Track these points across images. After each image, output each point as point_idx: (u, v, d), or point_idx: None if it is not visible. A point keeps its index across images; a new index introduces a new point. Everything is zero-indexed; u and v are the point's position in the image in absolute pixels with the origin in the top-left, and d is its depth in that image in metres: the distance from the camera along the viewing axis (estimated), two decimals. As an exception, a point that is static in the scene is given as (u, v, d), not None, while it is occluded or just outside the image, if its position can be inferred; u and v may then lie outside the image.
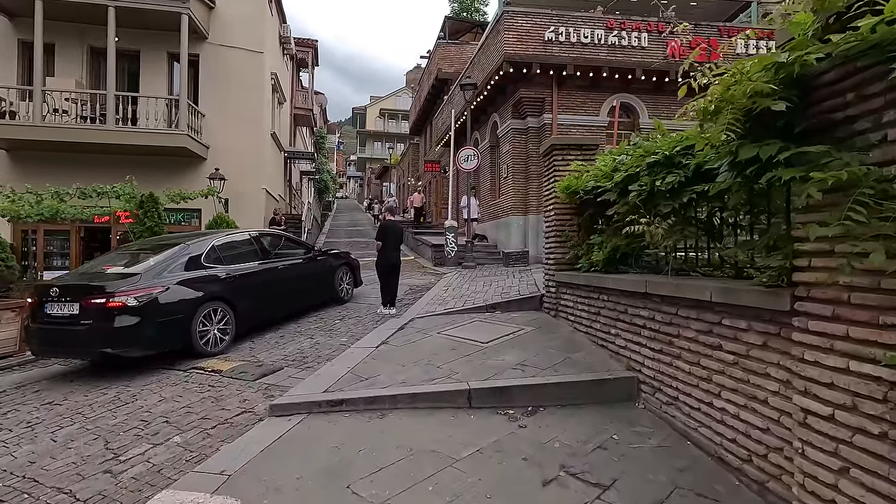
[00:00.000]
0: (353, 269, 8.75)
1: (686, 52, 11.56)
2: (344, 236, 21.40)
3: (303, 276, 7.37)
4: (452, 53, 19.51)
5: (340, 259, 8.56)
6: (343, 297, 8.23)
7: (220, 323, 5.75)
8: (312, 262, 7.73)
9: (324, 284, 7.90)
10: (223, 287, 5.89)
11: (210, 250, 6.08)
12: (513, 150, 12.28)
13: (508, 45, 11.17)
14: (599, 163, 4.60)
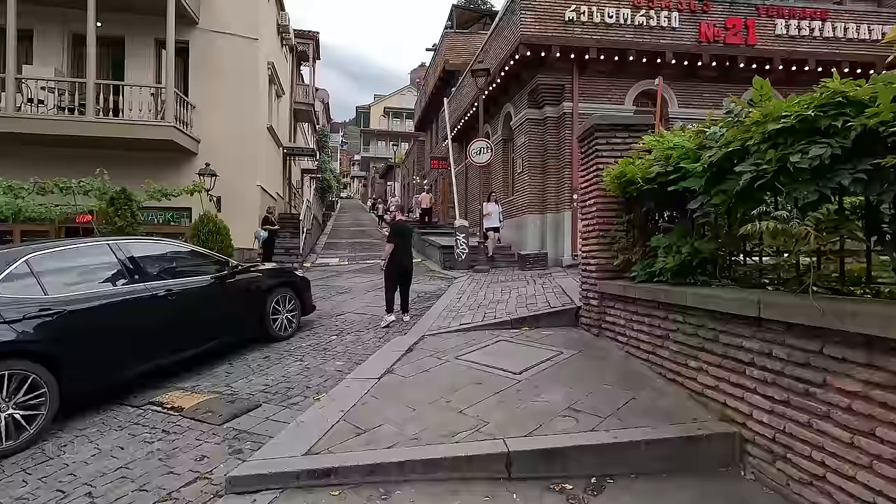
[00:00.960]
0: (299, 292, 6.20)
1: (720, 34, 10.50)
2: (346, 236, 20.43)
3: (201, 306, 4.86)
4: (460, 43, 18.49)
5: (277, 278, 6.01)
6: (279, 333, 5.70)
7: (23, 397, 3.33)
8: (224, 284, 5.18)
9: (242, 317, 5.39)
10: (35, 332, 3.48)
11: (16, 270, 3.66)
12: (529, 143, 11.24)
13: (525, 27, 10.13)
14: (667, 142, 3.56)
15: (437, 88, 20.44)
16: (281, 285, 5.96)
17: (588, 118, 5.10)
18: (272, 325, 5.71)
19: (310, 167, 26.78)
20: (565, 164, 10.75)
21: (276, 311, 5.81)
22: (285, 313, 5.93)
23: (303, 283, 6.46)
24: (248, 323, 5.51)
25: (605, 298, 4.56)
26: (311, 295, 6.59)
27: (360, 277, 10.72)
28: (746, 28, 10.57)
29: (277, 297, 5.82)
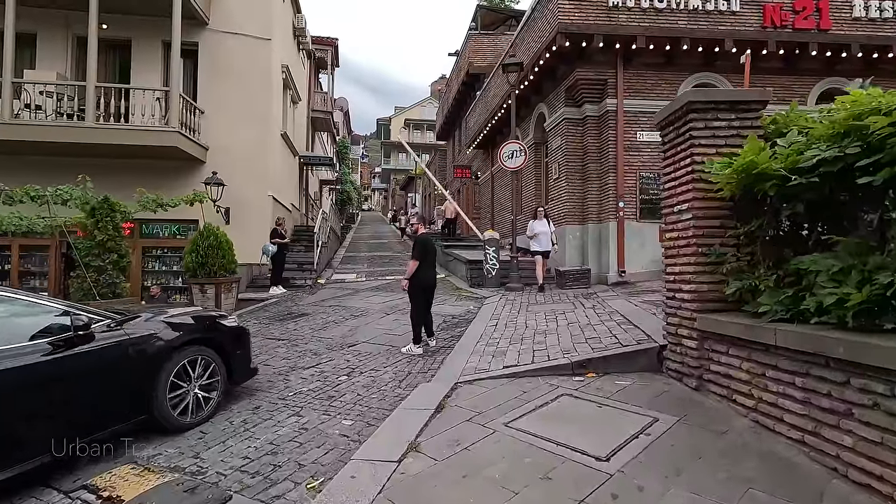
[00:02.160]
0: (224, 351, 4.14)
1: (787, 17, 9.18)
2: (365, 250, 19.43)
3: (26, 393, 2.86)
4: (485, 45, 17.47)
5: (184, 333, 3.84)
6: (178, 421, 3.62)
7: None
8: (67, 354, 3.05)
9: (104, 400, 3.31)
10: None
11: None
12: (566, 146, 10.04)
13: (563, 14, 8.99)
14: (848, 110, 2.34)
15: (460, 93, 19.45)
16: (190, 344, 3.82)
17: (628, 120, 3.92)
18: (168, 406, 3.54)
19: (329, 178, 26.04)
20: (609, 168, 9.50)
21: (178, 384, 3.65)
22: (194, 389, 3.76)
23: (231, 336, 4.27)
24: (122, 407, 3.35)
25: (710, 340, 3.31)
26: (248, 352, 4.46)
27: (379, 296, 9.61)
28: (818, 11, 9.22)
29: (184, 363, 3.72)
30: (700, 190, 3.42)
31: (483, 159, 17.27)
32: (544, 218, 9.10)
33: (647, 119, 9.55)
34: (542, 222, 9.02)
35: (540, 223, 9.00)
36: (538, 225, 8.99)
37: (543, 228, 8.94)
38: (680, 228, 3.62)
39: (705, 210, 3.41)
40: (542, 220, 9.05)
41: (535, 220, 9.08)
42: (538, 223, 9.00)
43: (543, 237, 8.92)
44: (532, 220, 9.16)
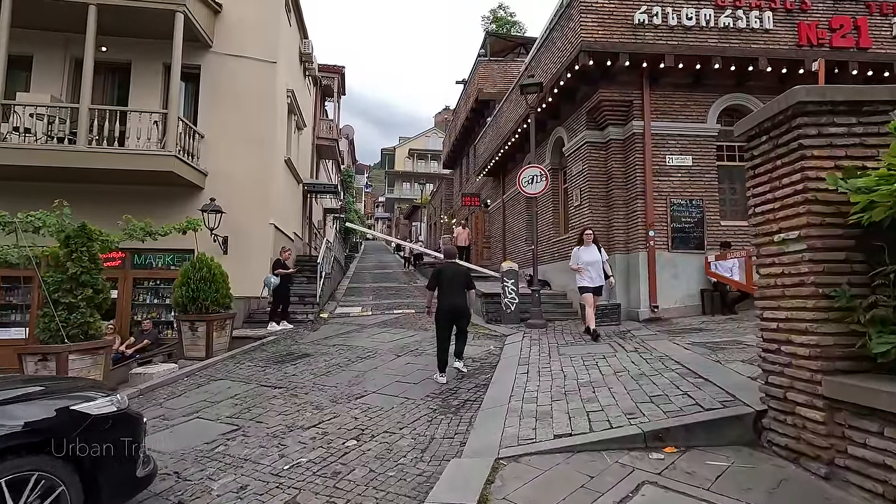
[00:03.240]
0: (93, 464, 2.59)
1: (823, 35, 8.63)
2: (370, 281, 18.63)
3: None
4: (495, 72, 17.15)
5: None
6: None
7: None
8: None
9: None
10: None
11: None
12: (588, 171, 9.38)
13: (587, 32, 8.46)
14: None
15: (468, 121, 19.04)
16: (13, 454, 2.34)
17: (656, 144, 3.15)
18: None
19: (333, 207, 25.50)
20: (637, 194, 8.80)
21: None
22: None
23: (103, 434, 2.71)
24: None
25: (847, 412, 2.47)
26: (135, 452, 2.88)
27: (387, 333, 8.76)
28: (857, 28, 8.69)
29: None
30: (817, 214, 2.66)
31: (493, 187, 16.67)
32: (593, 243, 7.24)
33: (675, 142, 8.94)
34: (590, 249, 7.19)
35: (588, 250, 7.19)
36: (586, 253, 7.19)
37: (593, 257, 7.14)
38: (786, 262, 2.83)
39: (825, 239, 2.64)
40: (590, 245, 7.21)
41: (581, 247, 7.28)
42: (585, 250, 7.20)
43: (594, 269, 7.12)
44: (577, 248, 7.35)
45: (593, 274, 7.11)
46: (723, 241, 8.50)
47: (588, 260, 7.13)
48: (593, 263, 7.13)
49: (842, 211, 2.64)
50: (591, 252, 7.19)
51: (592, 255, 7.16)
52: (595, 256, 7.16)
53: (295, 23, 13.92)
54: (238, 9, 11.27)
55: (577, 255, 7.29)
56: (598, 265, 7.16)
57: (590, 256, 7.16)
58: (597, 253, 7.20)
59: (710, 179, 8.97)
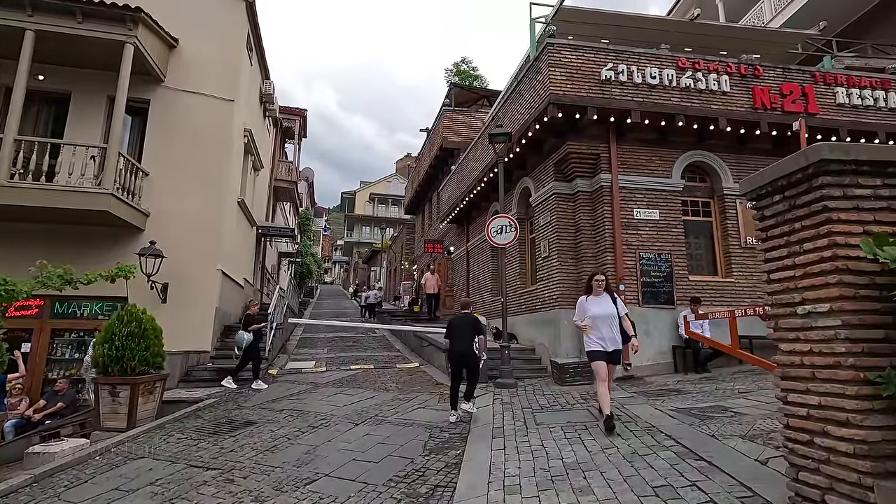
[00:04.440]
0: None
1: (775, 100, 9.02)
2: (325, 330, 17.56)
3: None
4: (460, 122, 17.29)
5: None
6: None
7: None
8: None
9: None
10: None
11: None
12: (557, 222, 9.20)
13: (555, 85, 8.48)
14: None
15: (432, 168, 18.97)
16: None
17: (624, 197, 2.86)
18: None
19: (289, 251, 24.49)
20: (606, 247, 8.63)
21: None
22: None
23: None
24: None
25: (912, 528, 2.05)
26: None
27: (344, 395, 7.94)
28: (805, 95, 9.16)
29: None
30: (850, 285, 2.33)
31: (457, 234, 16.39)
32: (606, 292, 5.34)
33: (642, 196, 8.94)
34: (601, 300, 5.29)
35: (599, 301, 5.28)
36: (595, 304, 5.26)
37: (605, 310, 5.21)
38: (815, 339, 2.47)
39: (862, 315, 2.30)
40: (601, 295, 5.32)
41: (588, 297, 5.37)
42: (595, 301, 5.29)
43: (606, 326, 5.13)
44: (583, 298, 5.42)
45: (605, 333, 5.12)
46: (692, 297, 8.37)
47: (598, 313, 5.19)
48: (605, 318, 5.17)
49: (877, 283, 2.33)
50: (602, 303, 5.25)
51: (605, 308, 5.21)
52: (608, 309, 5.20)
53: (257, 63, 13.55)
54: (196, 45, 10.78)
55: (582, 307, 5.35)
56: (612, 321, 5.18)
57: (601, 309, 5.21)
58: (611, 304, 5.24)
59: (678, 234, 8.95)
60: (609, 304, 5.28)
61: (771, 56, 10.59)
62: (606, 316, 5.20)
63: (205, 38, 10.87)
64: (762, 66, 9.25)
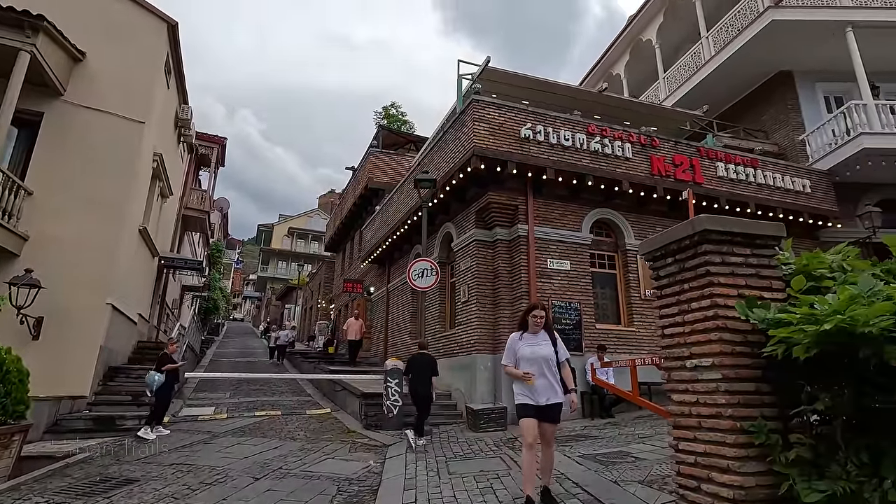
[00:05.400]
0: None
1: (669, 169, 10.18)
2: (229, 370, 16.22)
3: None
4: (387, 163, 17.50)
5: None
6: None
7: None
8: None
9: None
10: None
11: None
12: (476, 268, 9.45)
13: (479, 139, 8.94)
14: None
15: (356, 206, 18.85)
16: None
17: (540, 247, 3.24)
18: None
19: (195, 284, 22.72)
20: (521, 294, 8.98)
21: None
22: None
23: None
24: None
25: (781, 569, 2.25)
26: None
27: (246, 445, 7.30)
28: (693, 167, 10.44)
29: None
30: (728, 342, 2.62)
31: (378, 274, 16.23)
32: (544, 330, 4.20)
33: (556, 247, 9.50)
34: (538, 338, 4.15)
35: (533, 341, 4.14)
36: (529, 343, 4.13)
37: (539, 351, 4.06)
38: (701, 391, 2.72)
39: (738, 369, 2.59)
40: (538, 333, 4.17)
41: (522, 334, 4.21)
42: (529, 341, 4.15)
43: (538, 368, 4.00)
44: (515, 335, 4.27)
45: (539, 382, 3.95)
46: (599, 345, 8.88)
47: (530, 356, 4.03)
48: (539, 362, 3.99)
49: (749, 340, 2.64)
50: (538, 343, 4.10)
51: (540, 349, 4.06)
52: (545, 351, 4.05)
53: (175, 86, 12.91)
54: (108, 61, 10.08)
55: (512, 347, 4.19)
56: (548, 365, 4.01)
57: (535, 350, 4.05)
58: (548, 345, 4.10)
59: (586, 284, 9.56)
60: (546, 344, 4.10)
61: (665, 130, 12.02)
62: (542, 359, 4.01)
63: (119, 55, 10.22)
64: (658, 138, 10.45)
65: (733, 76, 13.71)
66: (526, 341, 4.19)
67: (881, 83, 12.59)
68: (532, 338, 4.19)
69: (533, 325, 4.20)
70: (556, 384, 4.04)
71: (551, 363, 4.07)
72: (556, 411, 4.03)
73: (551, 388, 4.02)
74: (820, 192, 11.62)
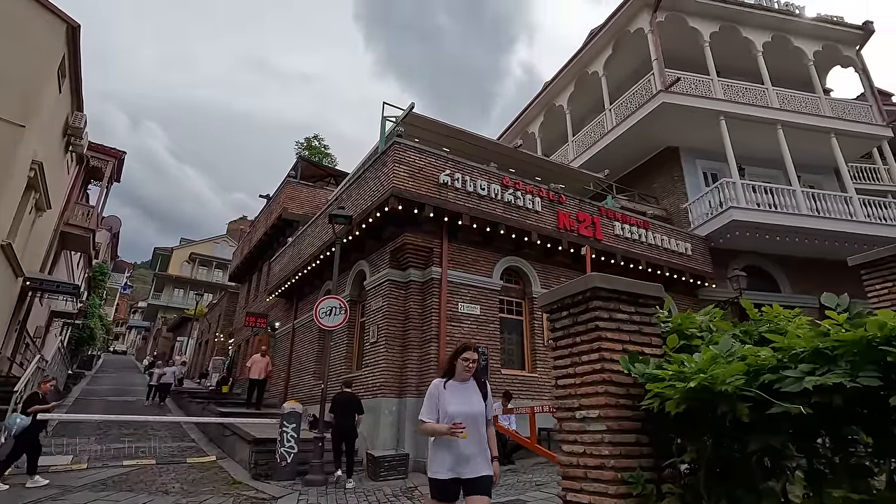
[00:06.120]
0: None
1: (573, 224, 10.96)
2: (99, 411, 14.19)
3: None
4: (304, 195, 17.03)
5: None
6: None
7: None
8: None
9: None
10: None
11: None
12: (388, 308, 9.35)
13: (398, 179, 9.05)
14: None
15: (267, 236, 17.99)
16: None
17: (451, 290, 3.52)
18: None
19: (68, 310, 19.99)
20: (431, 337, 8.98)
21: None
22: None
23: None
24: None
25: None
26: None
27: (107, 501, 6.34)
28: (594, 224, 11.32)
29: None
30: (613, 395, 2.78)
31: (285, 309, 15.43)
32: (473, 379, 3.35)
33: (467, 291, 9.69)
34: (467, 390, 3.28)
35: (461, 392, 3.26)
36: (456, 395, 3.23)
37: (467, 406, 3.19)
38: (588, 442, 2.83)
39: (621, 422, 2.74)
40: (466, 381, 3.32)
41: (447, 382, 3.29)
42: (455, 390, 3.26)
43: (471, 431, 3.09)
44: (440, 382, 3.31)
45: (472, 448, 3.08)
46: (505, 391, 9.03)
47: (462, 414, 3.10)
48: (466, 419, 3.08)
49: (631, 393, 2.82)
50: (469, 397, 3.23)
51: (468, 403, 3.19)
52: (473, 406, 3.19)
53: (69, 91, 11.75)
54: (-14, 54, 8.98)
55: (434, 399, 3.22)
56: (479, 426, 3.18)
57: (465, 405, 3.17)
58: (477, 399, 3.24)
59: (494, 329, 9.79)
60: (478, 397, 3.23)
61: (572, 188, 13.01)
62: (469, 416, 3.08)
63: (6, 51, 9.14)
64: (565, 196, 11.27)
65: (631, 146, 15.33)
66: (453, 392, 3.19)
67: (746, 166, 14.76)
68: (460, 388, 3.23)
69: (462, 371, 3.28)
70: (480, 450, 3.12)
71: (481, 424, 3.18)
72: (488, 484, 3.09)
73: (483, 454, 3.12)
74: (699, 255, 13.11)
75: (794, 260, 13.96)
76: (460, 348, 3.40)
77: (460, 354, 3.35)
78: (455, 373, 3.34)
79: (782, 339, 2.15)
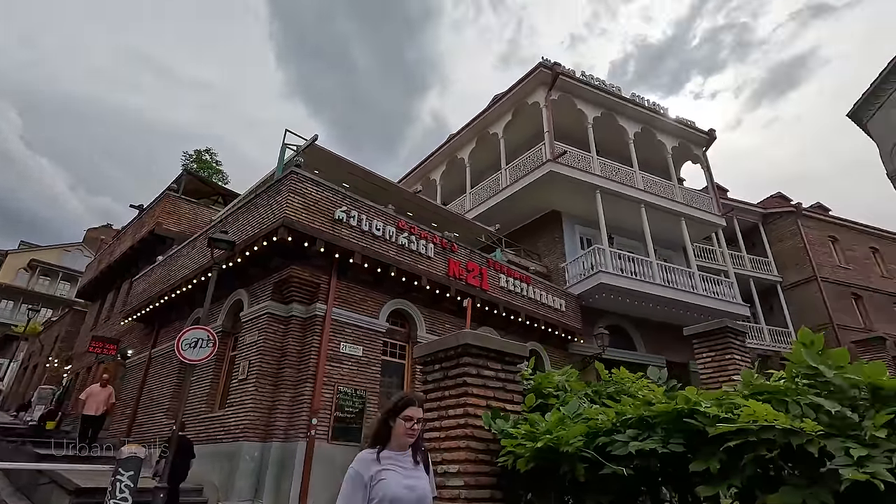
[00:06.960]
0: None
1: (463, 273, 11.41)
2: None
3: None
4: (184, 211, 15.65)
5: None
6: None
7: None
8: None
9: None
10: None
11: None
12: (264, 344, 8.79)
13: (291, 210, 8.76)
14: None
15: (133, 250, 16.09)
16: None
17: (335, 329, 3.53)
18: None
19: None
20: (307, 377, 8.56)
21: None
22: None
23: None
24: None
25: None
26: None
27: None
28: (481, 275, 11.86)
29: None
30: (473, 450, 2.88)
31: (143, 336, 13.70)
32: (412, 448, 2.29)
33: (351, 331, 9.47)
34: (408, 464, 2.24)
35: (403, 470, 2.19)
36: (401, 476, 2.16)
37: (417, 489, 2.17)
38: (446, 498, 2.87)
39: (478, 477, 2.84)
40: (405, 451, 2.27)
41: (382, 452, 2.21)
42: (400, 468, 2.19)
43: None
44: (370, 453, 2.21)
45: None
46: (378, 436, 8.79)
47: (398, 495, 2.09)
48: None
49: (490, 449, 2.95)
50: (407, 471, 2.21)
51: (416, 486, 2.19)
52: (422, 488, 2.20)
53: None
54: None
55: (362, 479, 2.10)
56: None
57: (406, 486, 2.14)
58: (422, 477, 2.25)
59: (375, 371, 9.61)
60: (422, 474, 2.28)
61: (465, 238, 13.58)
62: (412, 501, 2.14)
63: None
64: (458, 244, 11.72)
65: (520, 205, 16.55)
66: (393, 467, 2.18)
67: (615, 235, 16.66)
68: (400, 460, 2.23)
69: (404, 436, 2.26)
70: None
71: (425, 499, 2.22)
72: None
73: None
74: (571, 311, 14.29)
75: (649, 323, 15.80)
76: (399, 403, 2.31)
77: (400, 412, 2.27)
78: (391, 438, 2.26)
79: (616, 406, 2.42)
